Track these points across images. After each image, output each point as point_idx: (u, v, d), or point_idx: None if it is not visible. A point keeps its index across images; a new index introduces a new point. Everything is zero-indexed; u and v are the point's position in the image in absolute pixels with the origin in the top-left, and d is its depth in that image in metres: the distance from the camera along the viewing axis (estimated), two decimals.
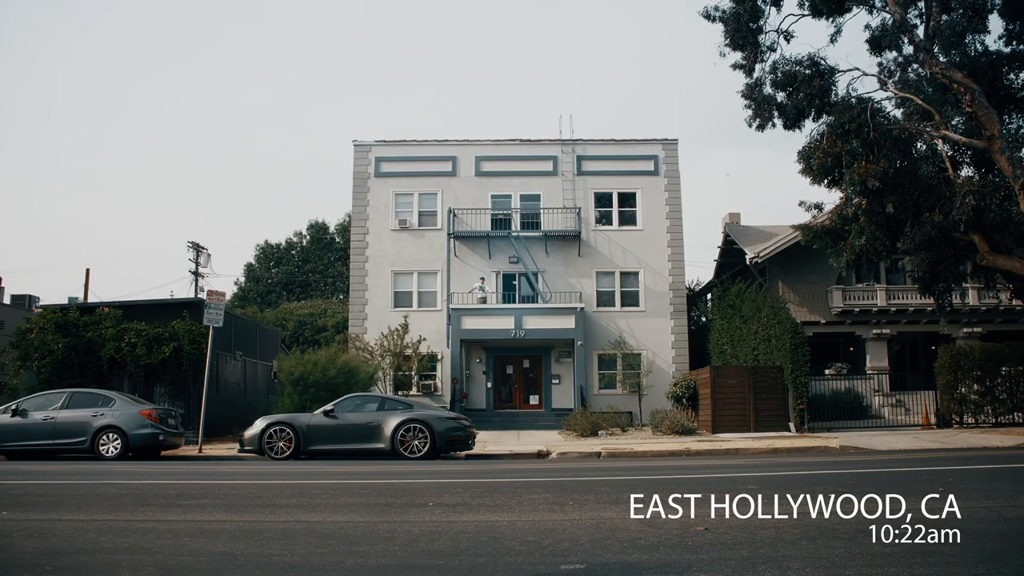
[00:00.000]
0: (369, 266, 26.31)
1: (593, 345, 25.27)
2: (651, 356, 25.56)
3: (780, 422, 19.71)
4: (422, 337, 24.59)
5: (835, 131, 15.60)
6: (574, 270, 26.12)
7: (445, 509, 6.28)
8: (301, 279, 46.19)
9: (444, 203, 26.50)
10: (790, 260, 24.14)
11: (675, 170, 26.85)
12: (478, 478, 9.00)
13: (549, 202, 26.58)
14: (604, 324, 25.77)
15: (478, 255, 26.35)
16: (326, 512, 6.22)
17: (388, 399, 14.87)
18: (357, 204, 26.74)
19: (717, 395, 20.17)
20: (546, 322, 24.24)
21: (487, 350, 25.77)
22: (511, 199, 26.70)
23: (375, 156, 26.78)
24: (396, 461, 12.98)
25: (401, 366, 23.88)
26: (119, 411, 14.15)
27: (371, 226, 26.56)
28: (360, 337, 24.72)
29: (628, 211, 26.91)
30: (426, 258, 26.27)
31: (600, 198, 26.98)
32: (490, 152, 26.76)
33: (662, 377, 25.02)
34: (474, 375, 25.87)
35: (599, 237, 26.54)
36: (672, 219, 26.60)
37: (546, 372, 25.93)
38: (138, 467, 11.51)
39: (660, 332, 25.73)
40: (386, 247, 26.36)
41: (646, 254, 26.34)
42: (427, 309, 25.97)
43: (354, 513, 6.20)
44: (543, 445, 16.39)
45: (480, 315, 24.40)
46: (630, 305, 26.14)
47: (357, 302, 26.09)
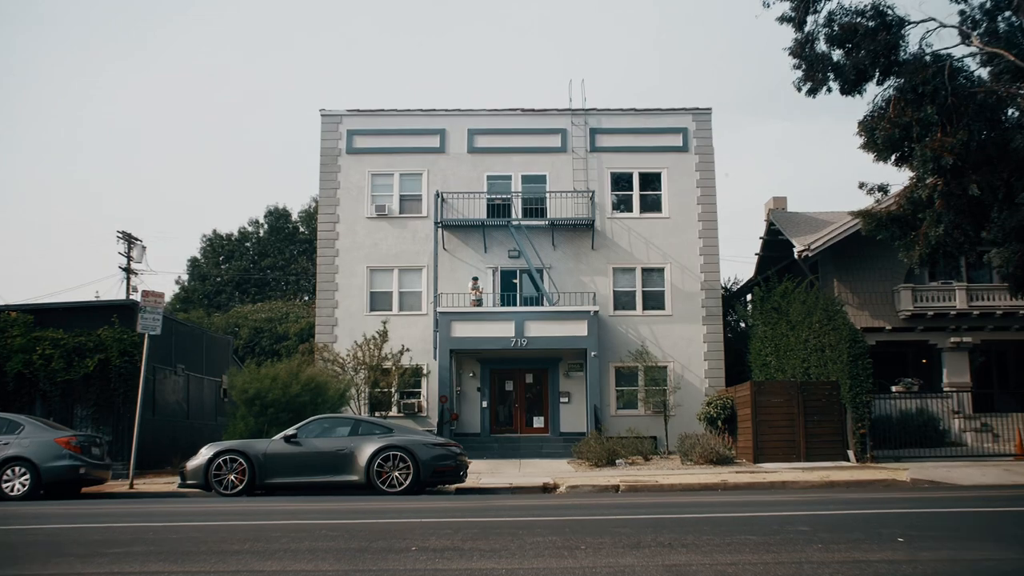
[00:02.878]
0: (340, 261, 26.56)
1: (610, 356, 25.54)
2: (679, 369, 25.81)
3: (836, 449, 19.93)
4: (404, 347, 24.86)
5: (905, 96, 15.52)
6: (587, 266, 26.43)
7: (431, 555, 6.28)
8: (257, 277, 46.28)
9: (430, 185, 26.78)
10: (848, 254, 24.34)
11: (708, 145, 27.13)
12: (471, 517, 9.06)
13: (557, 184, 26.88)
14: (623, 331, 26.06)
15: (471, 248, 26.56)
16: (286, 560, 6.19)
17: (363, 421, 15.07)
18: (325, 186, 27.00)
19: (759, 417, 20.30)
20: (553, 328, 24.38)
21: (482, 362, 26.06)
22: (511, 181, 27.05)
23: (347, 129, 27.11)
24: (372, 496, 13.12)
25: (379, 382, 24.09)
26: (28, 439, 13.88)
27: (342, 213, 26.80)
28: (329, 347, 25.01)
29: (651, 195, 27.26)
30: (409, 252, 26.53)
31: (618, 179, 27.28)
32: (486, 124, 27.06)
33: (692, 395, 25.24)
34: (467, 393, 26.13)
35: (617, 226, 26.84)
36: (705, 204, 26.84)
37: (553, 389, 26.15)
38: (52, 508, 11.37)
39: (690, 340, 25.95)
40: (361, 238, 26.61)
41: (673, 246, 26.60)
42: (410, 313, 26.23)
43: (321, 560, 6.17)
44: (549, 477, 16.62)
45: (474, 320, 24.60)
46: (654, 308, 26.38)
47: (325, 305, 26.30)
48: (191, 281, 46.93)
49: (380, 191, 27.04)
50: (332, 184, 27.01)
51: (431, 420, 24.93)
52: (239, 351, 34.98)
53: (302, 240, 47.76)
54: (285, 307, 40.21)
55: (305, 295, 45.01)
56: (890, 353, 25.06)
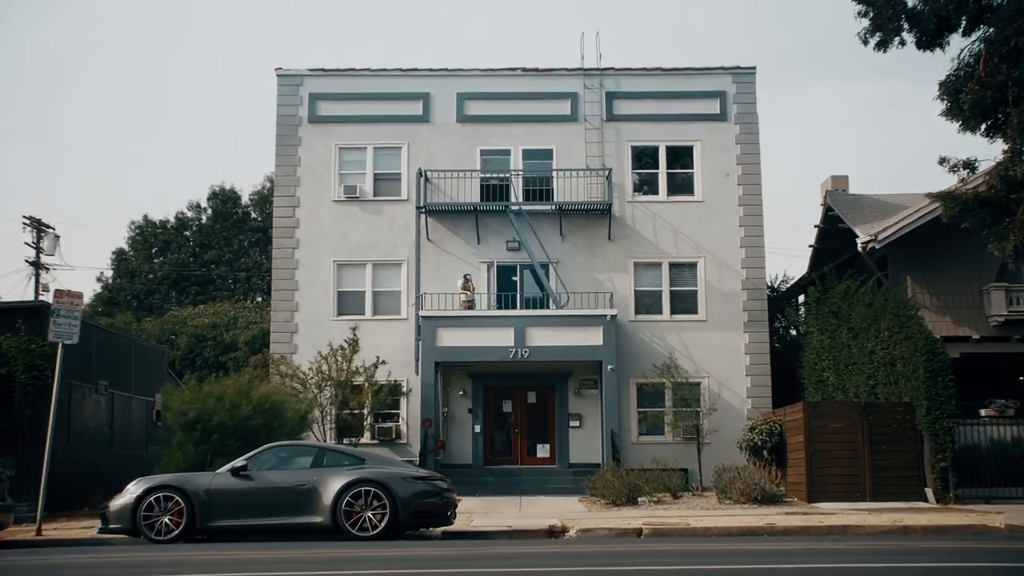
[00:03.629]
0: (301, 254, 26.64)
1: (630, 371, 25.57)
2: (716, 387, 25.83)
3: (910, 487, 20.00)
4: (379, 359, 24.78)
5: (998, 50, 15.34)
6: (602, 260, 26.54)
7: None
8: (199, 273, 46.38)
9: (411, 162, 26.86)
10: (924, 246, 24.24)
11: (751, 113, 27.24)
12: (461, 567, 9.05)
13: (566, 161, 26.87)
14: (646, 339, 26.11)
15: (461, 239, 26.67)
16: None
17: (329, 450, 15.20)
18: (283, 163, 27.16)
19: (815, 445, 20.34)
20: (561, 336, 24.49)
21: (475, 378, 26.11)
22: (510, 156, 27.18)
23: (308, 92, 27.24)
24: (340, 542, 13.14)
25: (348, 401, 24.09)
26: None
27: (304, 195, 26.93)
28: (287, 359, 25.06)
29: (682, 174, 27.31)
30: (385, 243, 26.63)
31: (640, 155, 27.37)
32: (479, 87, 27.22)
33: (732, 418, 25.16)
34: (456, 415, 26.21)
35: (639, 212, 26.94)
36: (747, 185, 26.89)
37: (561, 410, 26.17)
38: None
39: (729, 351, 26.00)
40: (326, 227, 26.70)
41: (708, 237, 26.61)
42: (387, 317, 26.36)
43: None
44: (556, 518, 16.59)
45: (465, 326, 24.70)
46: (684, 312, 26.48)
47: (283, 307, 26.47)
48: (117, 278, 46.96)
49: (350, 168, 27.15)
50: (291, 160, 27.07)
51: (412, 448, 25.02)
52: (176, 364, 35.13)
53: (254, 228, 48.04)
54: (233, 310, 40.22)
55: (258, 295, 45.21)
56: (978, 368, 24.54)
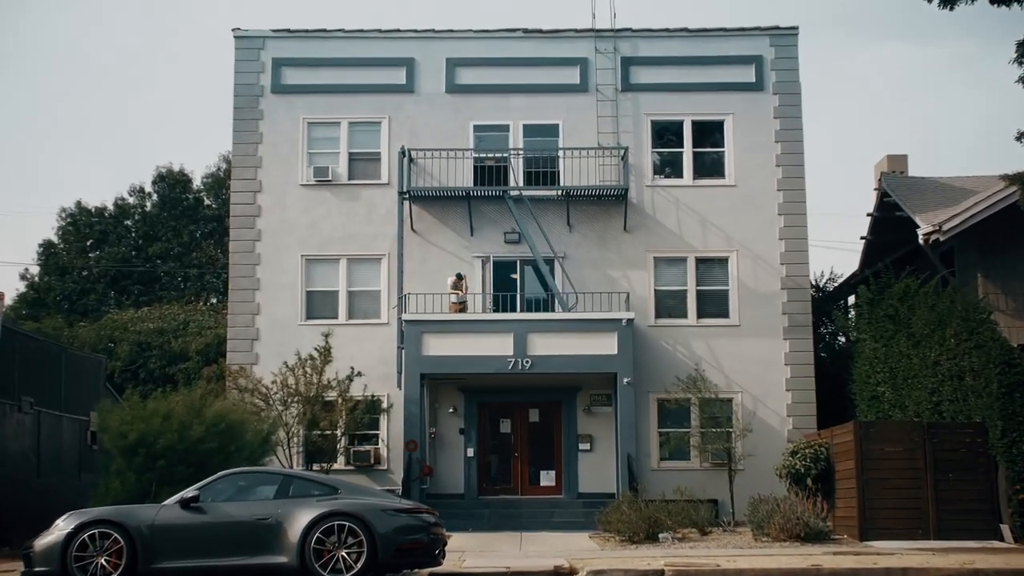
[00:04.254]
0: (263, 248, 26.53)
1: (650, 384, 25.53)
2: (750, 403, 25.80)
3: (983, 522, 19.84)
4: (355, 371, 24.66)
5: None
6: (617, 255, 26.45)
7: None
8: (143, 270, 46.08)
9: (393, 139, 26.79)
10: (999, 237, 24.21)
11: (792, 81, 27.12)
12: None
13: (574, 138, 26.75)
14: (669, 347, 26.05)
15: (452, 229, 26.60)
16: None
17: (296, 478, 15.20)
18: (241, 140, 27.00)
19: (868, 473, 20.29)
20: (569, 344, 24.45)
21: (467, 393, 26.05)
22: (508, 133, 27.13)
23: (272, 57, 27.10)
24: None
25: (319, 421, 24.03)
26: None
27: (266, 178, 26.80)
28: (247, 371, 24.92)
29: (710, 153, 27.20)
30: (363, 234, 26.57)
31: (662, 131, 27.11)
32: (472, 51, 27.21)
33: (770, 440, 25.18)
34: (445, 436, 26.13)
35: (660, 198, 26.84)
36: (787, 166, 26.78)
37: (568, 431, 26.13)
38: None
39: (766, 362, 25.93)
40: (293, 215, 26.62)
41: (742, 227, 26.53)
42: (364, 322, 26.30)
43: None
44: (563, 558, 16.54)
45: (456, 332, 24.76)
46: (714, 315, 26.41)
47: (242, 310, 26.31)
48: (44, 275, 46.69)
49: (320, 147, 27.08)
50: (251, 137, 26.92)
51: (394, 476, 24.94)
52: (116, 377, 34.92)
53: (208, 217, 47.75)
54: (183, 313, 39.94)
55: (213, 296, 45.12)
56: None
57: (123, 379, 35.60)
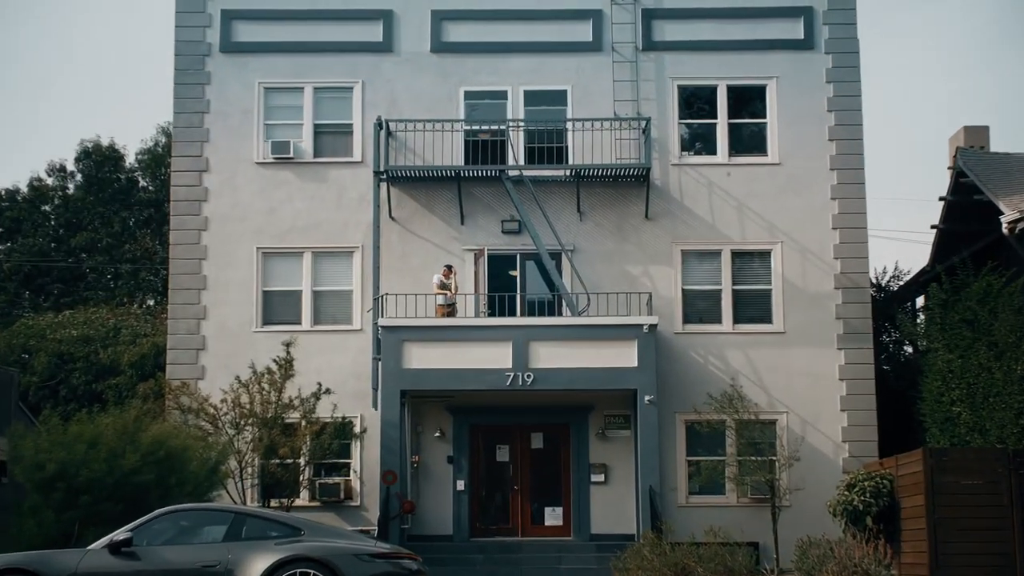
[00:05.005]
0: (210, 239, 25.15)
1: (676, 403, 24.35)
2: (798, 426, 24.59)
3: None
4: (322, 387, 23.51)
5: None
6: (637, 247, 25.16)
7: None
8: (65, 265, 44.25)
9: (368, 109, 25.44)
10: None
11: (850, 38, 25.69)
12: None
13: (586, 107, 25.36)
14: (699, 359, 24.81)
15: (438, 216, 25.29)
16: None
17: (250, 516, 14.75)
18: (184, 109, 25.64)
19: (941, 512, 19.52)
20: (579, 355, 23.17)
21: (457, 414, 24.81)
22: (507, 102, 25.74)
23: (221, 8, 25.77)
24: None
25: (278, 447, 22.82)
26: None
27: (214, 155, 25.38)
28: (192, 387, 23.86)
29: (749, 125, 25.87)
30: (332, 222, 25.30)
31: (691, 98, 25.95)
32: (463, 2, 25.99)
33: (821, 470, 24.05)
34: (430, 466, 24.82)
35: (689, 179, 25.40)
36: (842, 140, 25.31)
37: (578, 459, 24.88)
38: None
39: (817, 376, 24.73)
40: (247, 199, 25.33)
41: (788, 214, 25.19)
42: (333, 328, 25.11)
43: None
44: None
45: (443, 340, 23.46)
46: (753, 320, 25.27)
47: (185, 314, 25.07)
48: None
49: (280, 117, 25.66)
50: (196, 105, 25.44)
51: (369, 514, 23.97)
52: (31, 395, 33.58)
53: (144, 202, 45.39)
54: (114, 318, 37.62)
55: (150, 297, 43.37)
56: None
57: (39, 397, 34.20)
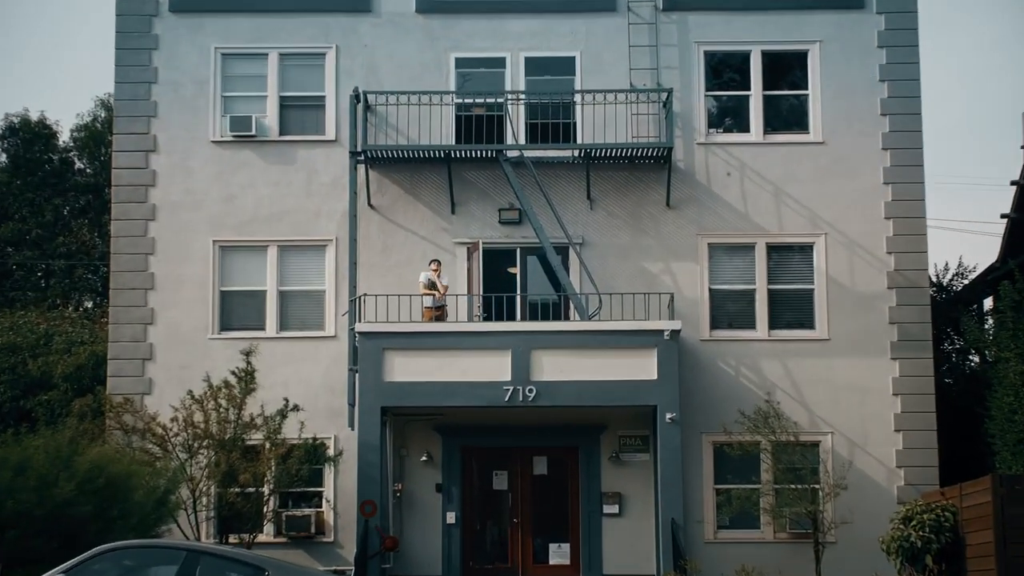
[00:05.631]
0: (159, 230, 24.62)
1: (702, 421, 23.68)
2: (844, 448, 23.84)
3: None
4: (289, 403, 22.83)
5: None
6: (656, 240, 24.53)
7: None
8: None
9: (343, 79, 24.91)
10: None
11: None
12: None
13: (597, 77, 24.71)
14: (729, 370, 24.16)
15: (425, 204, 24.75)
16: None
17: (205, 554, 14.49)
18: (128, 79, 24.96)
19: (1013, 549, 19.29)
20: (589, 366, 22.47)
21: (447, 435, 24.34)
22: (505, 70, 25.00)
23: None
24: None
25: (237, 473, 22.34)
26: None
27: (163, 133, 24.82)
28: (136, 404, 23.27)
29: (788, 98, 25.18)
30: (301, 211, 24.78)
31: (720, 66, 25.26)
32: None
33: (872, 500, 23.34)
34: (416, 494, 24.28)
35: (718, 160, 24.68)
36: (898, 116, 24.43)
37: (588, 487, 24.27)
38: None
39: (868, 391, 23.95)
40: (201, 185, 24.87)
41: (833, 201, 24.50)
42: (302, 335, 24.50)
43: None
44: None
45: (432, 348, 22.84)
46: (792, 325, 24.46)
47: (129, 318, 24.51)
48: None
49: (240, 88, 24.98)
50: (141, 74, 24.75)
51: (344, 551, 23.57)
52: None
53: (81, 187, 43.99)
54: (45, 323, 36.49)
55: (87, 299, 41.75)
56: None
57: None
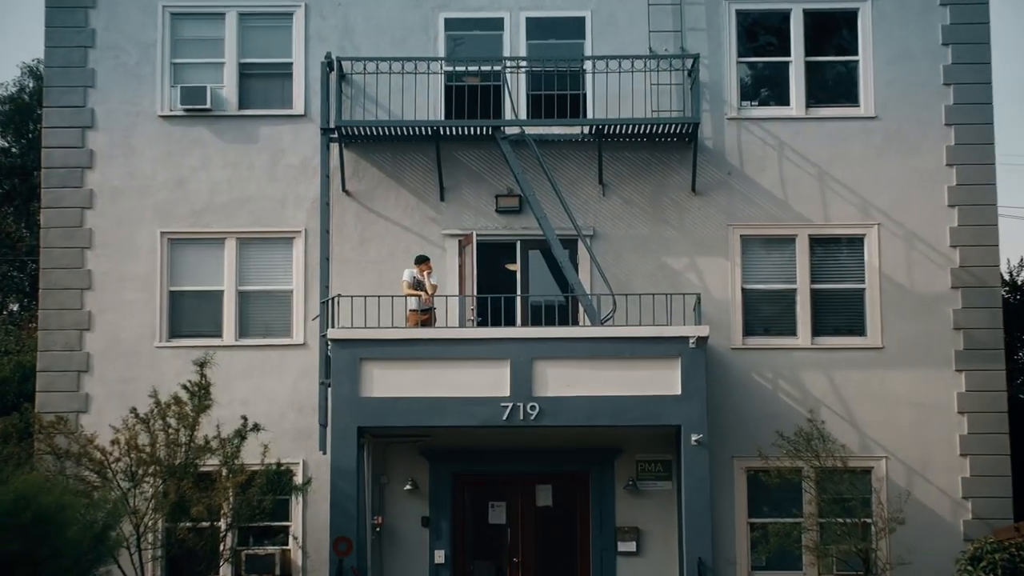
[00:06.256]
0: (96, 220, 23.73)
1: (734, 444, 22.91)
2: (901, 476, 23.00)
3: None
4: (249, 423, 21.88)
5: None
6: (679, 231, 23.81)
7: None
8: None
9: (312, 44, 24.10)
10: None
11: None
12: None
13: (610, 40, 23.96)
14: (766, 384, 23.21)
15: (410, 190, 24.03)
16: None
17: None
18: (60, 43, 24.07)
19: None
20: (601, 378, 21.39)
21: (435, 460, 23.77)
22: (503, 33, 24.13)
23: None
24: None
25: (189, 505, 21.43)
26: None
27: (102, 106, 23.87)
28: (71, 423, 22.59)
29: (834, 65, 24.30)
30: (263, 198, 23.96)
31: (753, 28, 24.52)
32: None
33: (934, 536, 22.52)
34: (399, 530, 23.54)
35: (752, 139, 23.79)
36: (963, 86, 23.40)
37: (601, 521, 23.48)
38: None
39: (929, 408, 23.05)
40: (147, 167, 24.03)
41: (886, 186, 23.54)
42: (265, 343, 23.72)
43: None
44: None
45: (417, 359, 21.71)
46: (839, 331, 23.53)
47: (61, 323, 23.87)
48: None
49: (193, 54, 24.04)
50: (76, 37, 23.91)
51: None
52: None
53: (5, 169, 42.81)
54: None
55: (12, 301, 41.48)
56: None
57: None
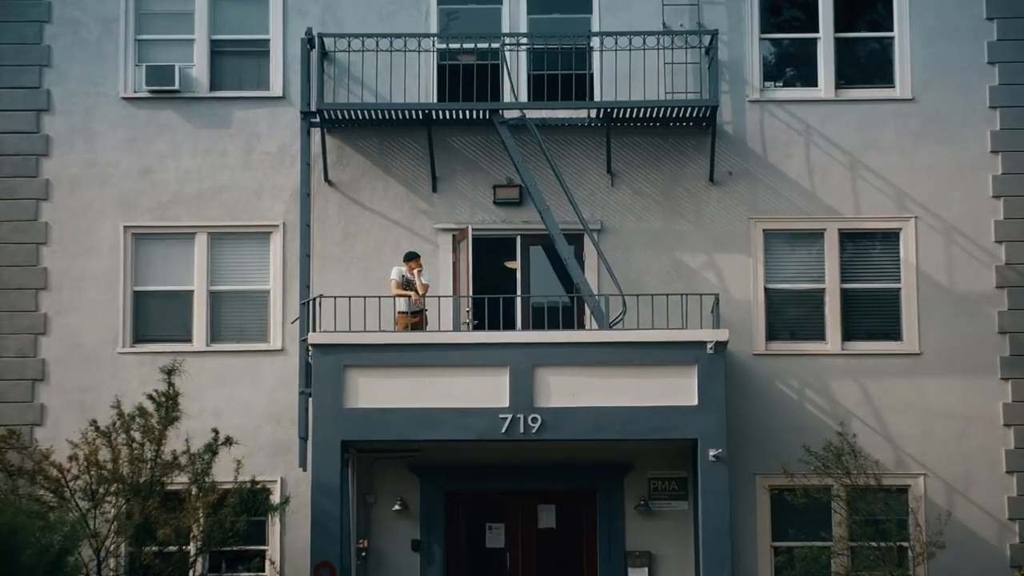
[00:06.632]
0: (54, 213, 23.26)
1: (756, 460, 22.32)
2: (941, 495, 22.44)
3: None
4: (223, 437, 21.07)
5: None
6: (696, 225, 23.26)
7: None
8: None
9: (291, 18, 23.49)
10: None
11: None
12: None
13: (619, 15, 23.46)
14: (791, 393, 22.53)
15: (399, 180, 23.36)
16: None
17: None
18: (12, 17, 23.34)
19: None
20: (610, 387, 20.52)
21: (427, 477, 23.34)
22: (501, 6, 23.47)
23: None
24: None
25: (155, 527, 20.35)
26: None
27: (59, 87, 23.26)
28: (24, 437, 21.81)
29: (866, 42, 23.78)
30: (237, 188, 23.47)
31: (777, 1, 24.14)
32: None
33: (978, 561, 22.06)
34: (386, 554, 22.91)
35: (775, 123, 23.18)
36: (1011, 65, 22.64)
37: (609, 544, 22.92)
38: None
39: (972, 420, 22.55)
40: (109, 154, 23.35)
41: (924, 176, 23.01)
42: (239, 348, 23.07)
43: None
44: None
45: (406, 366, 20.92)
46: (873, 335, 23.00)
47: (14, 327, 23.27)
48: None
49: (159, 30, 23.33)
50: (30, 11, 23.12)
51: None
52: None
53: None
54: None
55: None
56: None
57: None
